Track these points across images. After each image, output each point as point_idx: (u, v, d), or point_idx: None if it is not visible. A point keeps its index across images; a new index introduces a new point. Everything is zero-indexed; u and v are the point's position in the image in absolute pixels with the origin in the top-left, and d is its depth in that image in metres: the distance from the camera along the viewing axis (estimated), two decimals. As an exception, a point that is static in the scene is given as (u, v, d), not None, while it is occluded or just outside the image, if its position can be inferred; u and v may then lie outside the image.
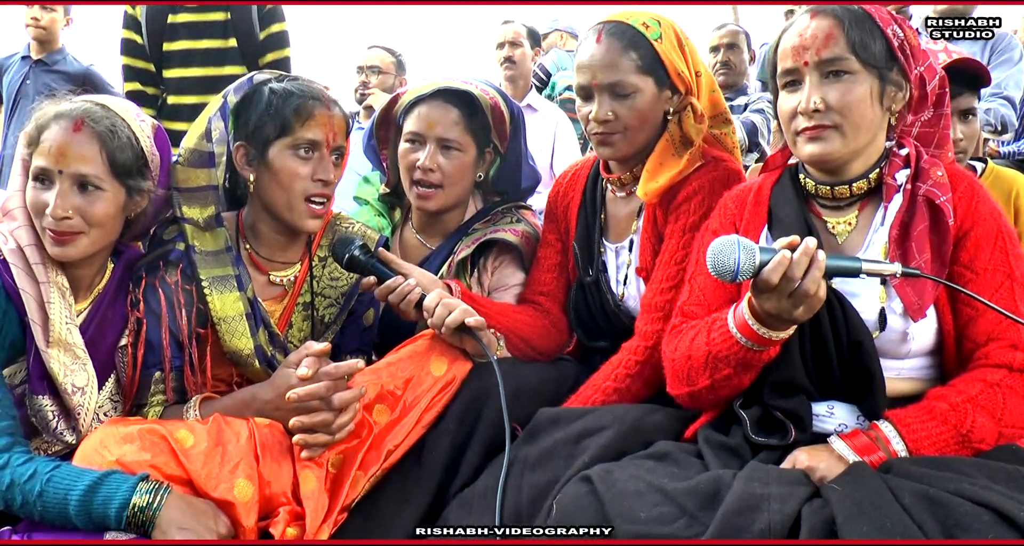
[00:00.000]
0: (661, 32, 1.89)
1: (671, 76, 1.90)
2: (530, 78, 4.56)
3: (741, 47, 4.41)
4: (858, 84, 1.48)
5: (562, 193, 2.19)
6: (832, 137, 1.50)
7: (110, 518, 1.43)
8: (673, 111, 1.93)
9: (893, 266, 1.35)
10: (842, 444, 1.39)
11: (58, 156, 1.58)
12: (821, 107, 1.49)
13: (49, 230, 1.58)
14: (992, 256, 1.46)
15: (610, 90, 1.88)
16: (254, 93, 1.82)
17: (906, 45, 1.52)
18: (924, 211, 1.48)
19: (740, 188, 1.74)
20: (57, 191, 1.57)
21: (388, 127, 2.30)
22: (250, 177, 1.83)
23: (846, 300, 1.44)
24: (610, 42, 1.88)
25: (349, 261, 1.85)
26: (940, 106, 1.60)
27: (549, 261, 2.16)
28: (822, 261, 1.31)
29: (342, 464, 1.67)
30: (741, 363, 1.45)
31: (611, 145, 1.92)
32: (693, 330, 1.56)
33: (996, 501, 1.18)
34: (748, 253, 1.31)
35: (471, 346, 1.78)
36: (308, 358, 1.64)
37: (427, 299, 1.79)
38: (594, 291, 2.06)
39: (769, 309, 1.34)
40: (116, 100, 1.73)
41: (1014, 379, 1.40)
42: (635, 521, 1.27)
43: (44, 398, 1.61)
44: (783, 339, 1.41)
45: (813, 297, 1.31)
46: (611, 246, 2.06)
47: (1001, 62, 3.81)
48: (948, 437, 1.36)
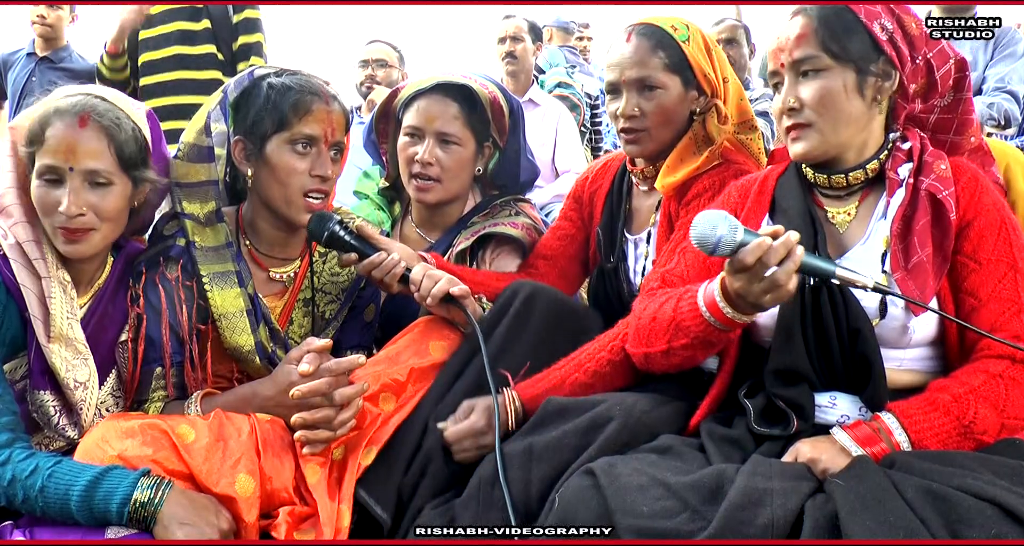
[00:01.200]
0: (689, 35, 1.96)
1: (697, 77, 1.95)
2: (532, 73, 4.56)
3: (740, 42, 4.39)
4: (829, 79, 1.51)
5: (592, 179, 2.23)
6: (810, 135, 1.53)
7: (112, 513, 1.42)
8: (699, 112, 1.98)
9: (865, 278, 1.35)
10: (844, 435, 1.38)
11: (67, 153, 1.57)
12: (796, 106, 1.53)
13: (62, 228, 1.58)
14: (996, 247, 1.46)
15: (637, 85, 1.93)
16: (253, 88, 1.81)
17: (897, 36, 1.51)
18: (926, 205, 1.48)
19: (746, 178, 1.76)
20: (69, 188, 1.57)
21: (387, 121, 2.31)
22: (248, 172, 1.82)
23: (847, 288, 1.45)
24: (639, 41, 1.94)
25: (329, 238, 1.84)
26: (960, 91, 1.60)
27: (562, 230, 2.22)
28: (799, 256, 1.33)
29: (346, 453, 1.68)
30: (700, 338, 1.48)
31: (638, 143, 1.97)
32: (665, 295, 1.59)
33: (1000, 496, 1.18)
34: (732, 230, 1.34)
35: (458, 316, 1.80)
36: (309, 354, 1.64)
37: (413, 272, 1.81)
38: (613, 279, 2.10)
39: (738, 288, 1.36)
40: (112, 90, 1.72)
41: (1017, 370, 1.40)
42: (638, 515, 1.26)
43: (46, 393, 1.61)
44: (745, 322, 1.43)
45: (782, 288, 1.33)
46: (631, 237, 2.10)
47: (1005, 56, 3.80)
48: (950, 428, 1.36)
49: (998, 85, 3.72)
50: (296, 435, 1.62)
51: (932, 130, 1.63)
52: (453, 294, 1.76)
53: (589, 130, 5.12)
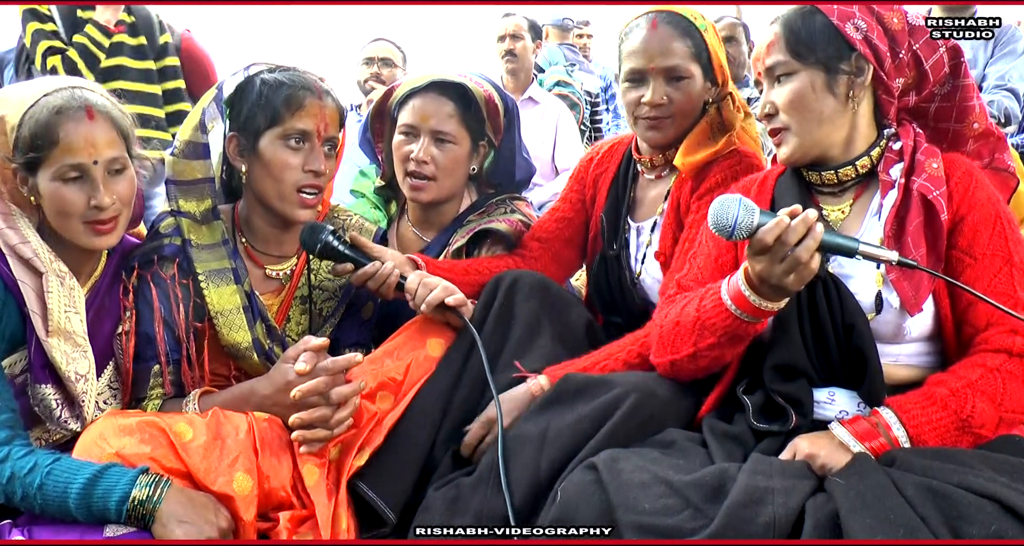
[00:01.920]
0: (707, 25, 1.97)
1: (714, 67, 1.97)
2: (531, 71, 4.56)
3: (739, 40, 4.40)
4: (796, 82, 1.54)
5: (597, 162, 2.22)
6: (788, 138, 1.57)
7: (110, 511, 1.42)
8: (711, 101, 1.99)
9: (890, 253, 1.36)
10: (843, 430, 1.39)
11: (89, 148, 1.57)
12: (771, 111, 1.58)
13: (92, 222, 1.59)
14: (991, 241, 1.47)
15: (666, 74, 1.93)
16: (247, 84, 1.81)
17: (873, 34, 1.52)
18: (919, 206, 1.49)
19: (747, 179, 1.77)
20: (100, 181, 1.58)
21: (383, 119, 2.30)
22: (242, 168, 1.82)
23: (841, 282, 1.46)
24: (666, 29, 1.93)
25: (323, 249, 1.84)
26: (956, 77, 1.60)
27: (560, 212, 2.23)
28: (819, 233, 1.34)
29: (342, 451, 1.68)
30: (727, 332, 1.48)
31: (661, 129, 1.96)
32: (685, 299, 1.59)
33: (1000, 492, 1.18)
34: (748, 212, 1.35)
35: (454, 320, 1.81)
36: (306, 353, 1.64)
37: (408, 281, 1.82)
38: (615, 266, 2.10)
39: (760, 272, 1.37)
40: (76, 79, 1.71)
41: (1014, 364, 1.41)
42: (639, 512, 1.27)
43: (47, 387, 1.60)
44: (772, 311, 1.43)
45: (805, 266, 1.33)
46: (635, 224, 2.10)
47: (1005, 54, 3.80)
48: (948, 423, 1.36)
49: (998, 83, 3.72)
50: (293, 435, 1.61)
51: (934, 119, 1.64)
52: (449, 304, 1.77)
53: (589, 128, 5.12)
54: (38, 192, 1.59)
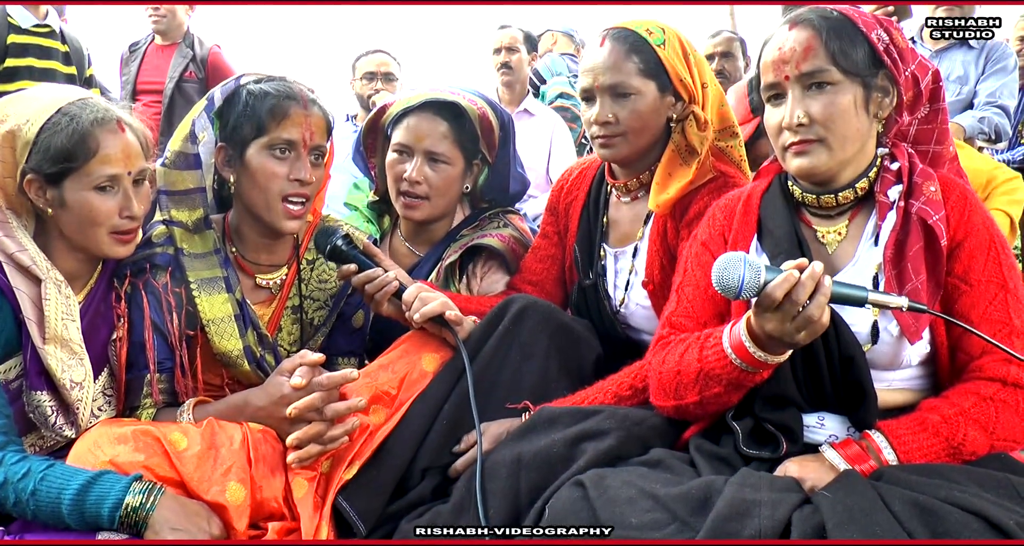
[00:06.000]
0: (665, 39, 1.91)
1: (673, 82, 1.91)
2: (527, 83, 4.56)
3: (736, 55, 4.41)
4: (841, 95, 1.46)
5: (566, 190, 2.19)
6: (818, 151, 1.48)
7: (103, 518, 1.42)
8: (676, 119, 1.94)
9: (900, 299, 1.33)
10: (834, 453, 1.38)
11: (125, 159, 1.63)
12: (805, 121, 1.47)
13: (119, 232, 1.64)
14: (986, 267, 1.45)
15: (611, 91, 1.89)
16: (234, 94, 1.82)
17: (892, 48, 1.49)
18: (918, 231, 1.46)
19: (729, 197, 1.72)
20: (131, 192, 1.65)
21: (376, 135, 2.30)
22: (231, 178, 1.83)
23: (837, 315, 1.41)
24: (613, 46, 1.90)
25: (332, 251, 1.85)
26: (936, 101, 1.57)
27: (543, 251, 2.18)
28: (828, 287, 1.30)
29: (333, 465, 1.68)
30: (732, 383, 1.44)
31: (611, 147, 1.93)
32: (683, 344, 1.54)
33: (986, 509, 1.19)
34: (753, 271, 1.30)
35: (448, 337, 1.81)
36: (302, 367, 1.65)
37: (407, 292, 1.81)
38: (592, 295, 2.06)
39: (771, 330, 1.33)
40: (89, 91, 1.75)
41: (1007, 393, 1.39)
42: (627, 526, 1.27)
43: (43, 394, 1.60)
44: (777, 363, 1.40)
45: (817, 322, 1.30)
46: (611, 250, 2.06)
47: (996, 71, 3.84)
48: (939, 449, 1.35)
49: (989, 99, 3.75)
50: (289, 458, 1.62)
51: (913, 142, 1.60)
52: (447, 318, 1.76)
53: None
54: (60, 202, 1.60)
